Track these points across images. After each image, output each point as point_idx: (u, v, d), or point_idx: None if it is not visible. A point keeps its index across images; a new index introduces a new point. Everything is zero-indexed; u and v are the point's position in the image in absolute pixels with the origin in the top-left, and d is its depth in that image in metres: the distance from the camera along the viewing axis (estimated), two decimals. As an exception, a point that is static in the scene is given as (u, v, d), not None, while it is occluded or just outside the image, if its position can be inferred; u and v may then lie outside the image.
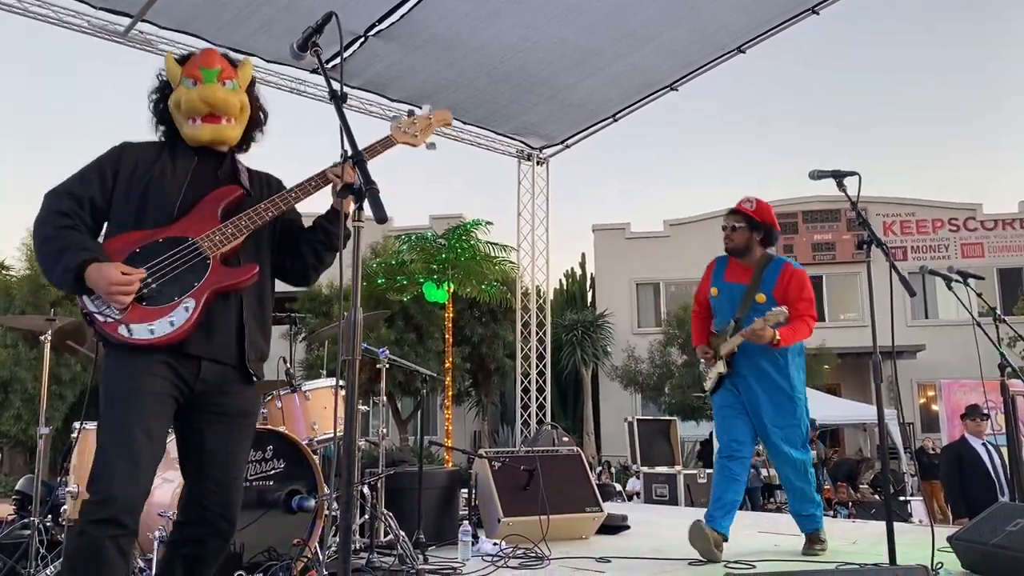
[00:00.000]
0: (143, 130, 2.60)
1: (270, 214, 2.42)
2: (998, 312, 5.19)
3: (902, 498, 11.51)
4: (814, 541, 4.33)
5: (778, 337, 3.92)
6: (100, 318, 2.24)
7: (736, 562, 4.19)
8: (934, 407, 19.64)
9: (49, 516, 4.34)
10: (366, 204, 1.78)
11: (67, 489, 4.07)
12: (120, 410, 2.27)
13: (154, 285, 2.27)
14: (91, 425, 4.20)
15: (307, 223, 2.62)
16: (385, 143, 2.61)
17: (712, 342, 4.40)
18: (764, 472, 11.24)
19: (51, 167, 48.13)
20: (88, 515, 2.14)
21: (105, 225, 2.42)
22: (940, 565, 3.55)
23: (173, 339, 2.27)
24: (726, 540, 4.19)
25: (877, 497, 12.40)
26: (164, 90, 2.54)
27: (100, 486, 2.17)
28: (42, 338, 4.23)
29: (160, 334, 2.26)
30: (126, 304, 2.23)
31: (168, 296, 2.28)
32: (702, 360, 4.51)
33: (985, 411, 6.95)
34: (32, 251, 16.62)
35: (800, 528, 4.40)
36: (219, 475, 2.39)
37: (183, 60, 2.56)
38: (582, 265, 26.93)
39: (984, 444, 6.68)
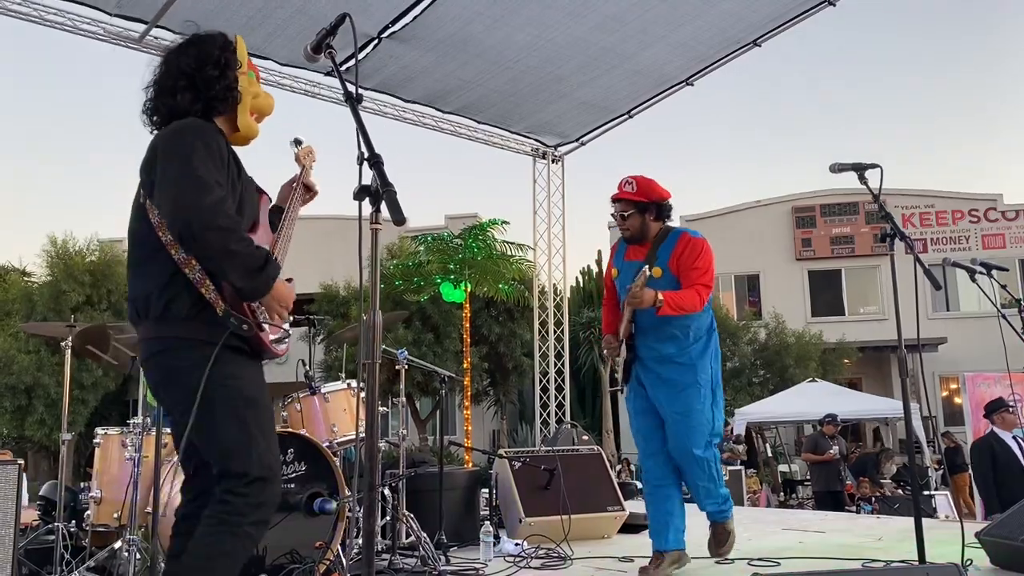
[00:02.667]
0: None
1: (293, 228, 2.51)
2: (1023, 303, 5.11)
3: (926, 493, 11.40)
4: (720, 532, 3.96)
5: (660, 298, 3.55)
6: (267, 329, 2.26)
7: (760, 559, 4.16)
8: (956, 400, 19.44)
9: (73, 521, 4.36)
10: (383, 206, 1.76)
11: (90, 495, 4.09)
12: (262, 412, 2.28)
13: None
14: (113, 431, 4.23)
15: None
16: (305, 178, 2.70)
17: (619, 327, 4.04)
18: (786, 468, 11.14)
19: (62, 176, 48.60)
20: (253, 515, 2.15)
21: None
22: (970, 562, 3.50)
23: (285, 351, 2.38)
24: (682, 551, 3.90)
25: (900, 492, 12.29)
26: (233, 69, 2.35)
27: (265, 493, 2.19)
28: (63, 344, 4.25)
29: (282, 347, 2.37)
30: (286, 319, 2.31)
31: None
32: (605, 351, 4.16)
33: (1011, 403, 6.84)
34: (52, 258, 16.85)
35: (710, 519, 4.02)
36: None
37: None
38: (598, 262, 26.85)
39: (1014, 437, 6.54)
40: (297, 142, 2.74)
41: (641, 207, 3.89)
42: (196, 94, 2.31)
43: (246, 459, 2.16)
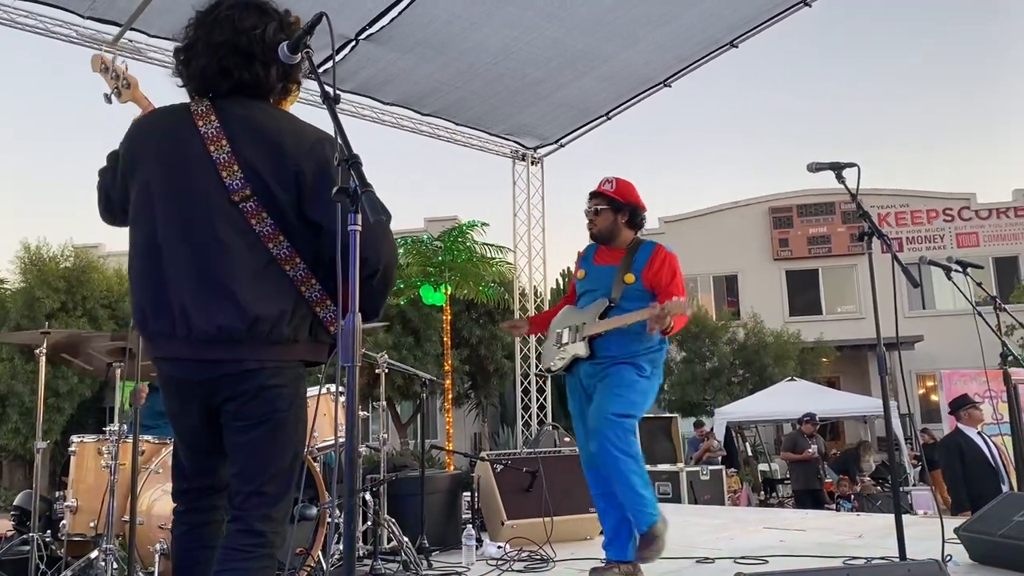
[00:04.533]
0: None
1: None
2: (998, 300, 5.17)
3: (904, 489, 11.51)
4: (649, 541, 3.52)
5: (671, 323, 3.43)
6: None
7: (743, 558, 4.17)
8: (933, 397, 19.67)
9: (48, 531, 4.30)
10: (362, 207, 1.74)
11: (66, 504, 4.04)
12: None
13: None
14: (89, 439, 4.17)
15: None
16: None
17: (571, 319, 3.87)
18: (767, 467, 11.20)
19: (35, 181, 48.03)
20: (278, 549, 2.04)
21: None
22: (950, 557, 3.53)
23: None
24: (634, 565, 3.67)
25: (879, 489, 12.39)
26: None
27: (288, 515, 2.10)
28: (37, 351, 4.19)
29: None
30: None
31: None
32: (510, 328, 4.11)
33: (977, 399, 6.89)
34: (26, 264, 16.62)
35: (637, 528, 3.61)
36: None
37: None
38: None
39: (979, 433, 6.58)
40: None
41: (616, 206, 3.84)
42: (285, 74, 2.11)
43: (289, 486, 2.04)
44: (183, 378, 2.08)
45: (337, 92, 1.96)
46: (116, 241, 22.68)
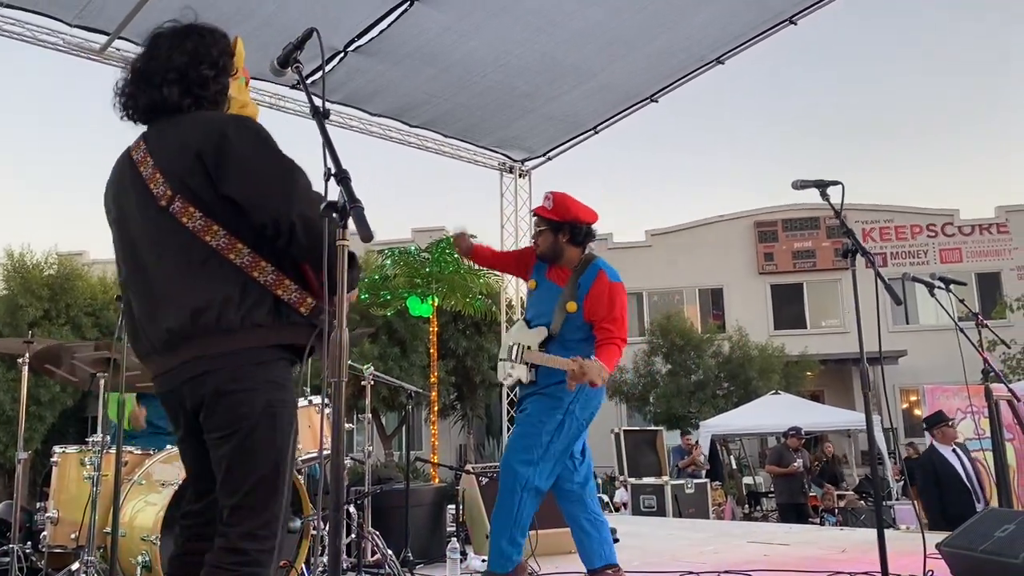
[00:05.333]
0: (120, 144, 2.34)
1: None
2: (980, 317, 5.22)
3: (887, 503, 11.56)
4: None
5: (605, 369, 3.32)
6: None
7: (728, 572, 4.18)
8: (917, 412, 19.79)
9: (28, 543, 4.26)
10: (350, 222, 1.75)
11: (47, 515, 4.00)
12: (294, 442, 2.07)
13: None
14: (72, 449, 4.14)
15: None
16: None
17: (520, 337, 3.72)
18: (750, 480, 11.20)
19: (19, 188, 47.70)
20: (270, 563, 1.95)
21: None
22: (931, 572, 3.55)
23: None
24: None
25: (863, 503, 12.44)
26: (228, 73, 2.19)
27: (278, 535, 1.99)
28: (20, 361, 4.16)
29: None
30: None
31: None
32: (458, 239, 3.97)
33: (959, 415, 6.93)
34: (9, 271, 16.49)
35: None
36: None
37: None
38: (565, 276, 26.97)
39: (954, 450, 6.60)
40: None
41: (554, 226, 3.67)
42: (186, 89, 2.12)
43: (274, 497, 1.95)
44: (162, 393, 2.12)
45: (327, 108, 1.96)
46: (100, 249, 22.54)
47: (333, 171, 1.82)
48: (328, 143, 1.87)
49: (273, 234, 1.97)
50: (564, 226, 3.65)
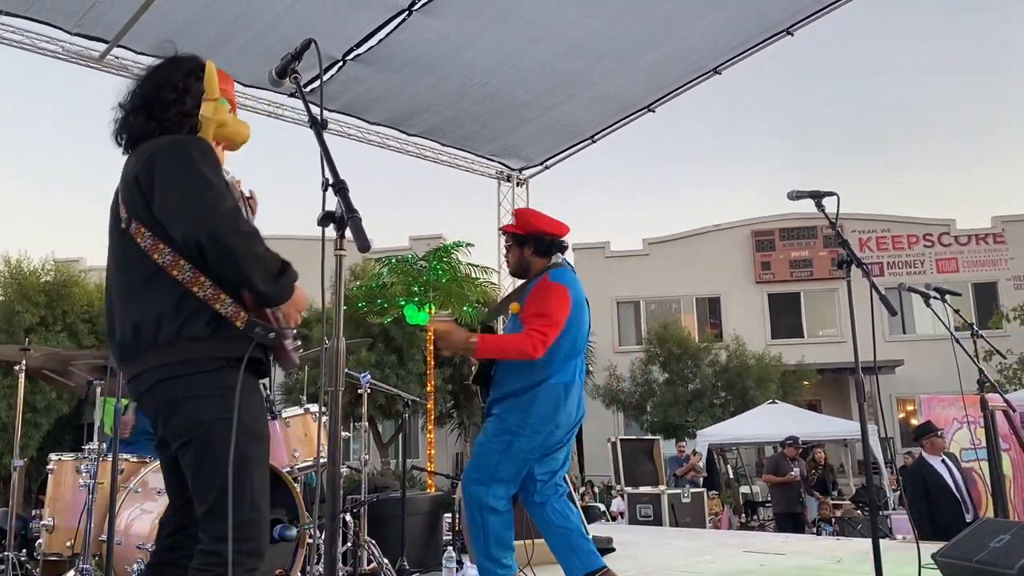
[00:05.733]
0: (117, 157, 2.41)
1: None
2: (975, 328, 5.24)
3: (883, 513, 11.54)
4: None
5: (472, 340, 3.33)
6: (290, 336, 2.15)
7: (722, 583, 4.18)
8: (913, 421, 19.79)
9: (23, 550, 4.24)
10: (348, 233, 1.76)
11: (42, 523, 3.99)
12: (263, 447, 2.13)
13: None
14: (68, 456, 4.13)
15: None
16: None
17: None
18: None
19: (16, 195, 47.69)
20: (246, 564, 2.00)
21: None
22: (926, 583, 3.55)
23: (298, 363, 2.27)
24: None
25: (859, 512, 12.43)
26: (196, 96, 2.28)
27: (256, 533, 2.04)
28: (16, 368, 4.16)
29: (296, 356, 2.22)
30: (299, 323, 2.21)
31: None
32: None
33: (940, 428, 6.92)
34: (6, 277, 16.46)
35: None
36: None
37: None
38: (562, 284, 26.97)
39: (943, 460, 6.61)
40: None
41: (519, 240, 3.69)
42: (149, 115, 2.25)
43: (238, 501, 1.99)
44: (136, 402, 2.26)
45: (325, 118, 1.97)
46: (97, 255, 22.53)
47: (331, 181, 1.83)
48: (326, 154, 1.88)
49: (186, 251, 2.05)
50: (528, 238, 3.68)
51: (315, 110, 2.01)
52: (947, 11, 43.53)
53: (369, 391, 4.77)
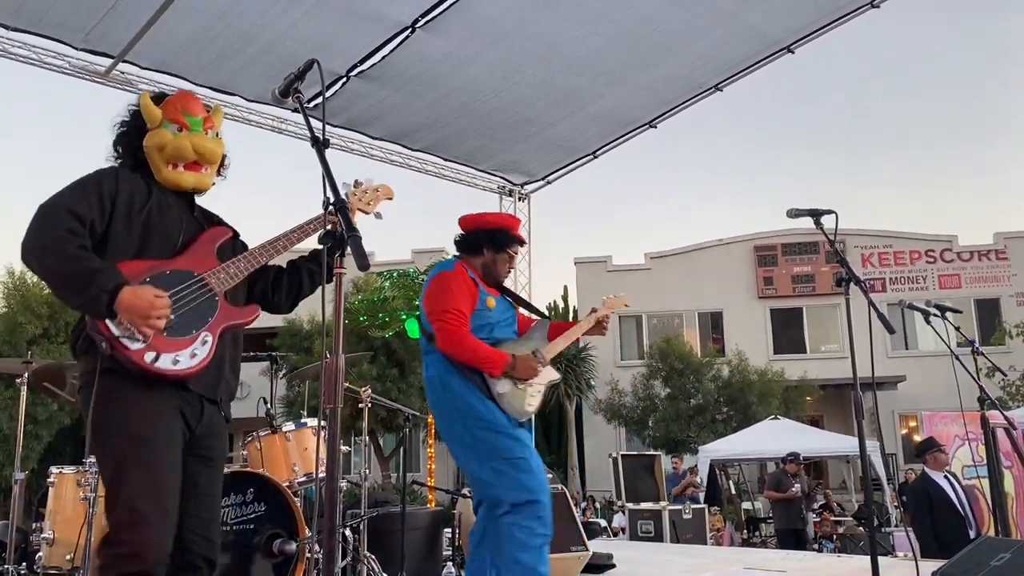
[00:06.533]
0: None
1: (266, 258, 2.46)
2: (976, 345, 5.25)
3: (885, 530, 11.50)
4: None
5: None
6: (126, 343, 2.14)
7: (722, 600, 4.17)
8: (916, 438, 19.72)
9: (24, 563, 4.24)
10: (348, 251, 1.78)
11: (42, 535, 3.99)
12: (146, 448, 2.16)
13: (172, 316, 2.20)
14: (69, 470, 4.14)
15: (284, 259, 2.61)
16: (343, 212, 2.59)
17: (520, 347, 3.46)
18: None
19: (20, 206, 47.74)
20: (118, 567, 2.06)
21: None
22: (925, 601, 3.54)
23: (192, 372, 2.24)
24: None
25: (862, 529, 12.38)
26: (139, 127, 2.50)
27: (133, 536, 2.08)
28: (18, 381, 4.17)
29: (184, 366, 2.21)
30: (160, 329, 2.17)
31: (187, 328, 2.24)
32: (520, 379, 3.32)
33: (942, 444, 6.91)
34: (9, 289, 16.51)
35: None
36: (207, 518, 2.34)
37: (158, 100, 2.52)
38: (564, 298, 26.98)
39: (945, 476, 6.60)
40: (355, 184, 2.70)
41: (464, 248, 3.68)
42: (116, 151, 2.53)
43: (115, 503, 2.10)
44: None
45: (327, 135, 2.00)
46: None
47: (332, 200, 1.86)
48: (327, 172, 1.91)
49: None
50: (468, 243, 3.64)
51: (317, 127, 2.04)
52: (949, 28, 43.73)
53: (370, 405, 4.78)
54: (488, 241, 3.60)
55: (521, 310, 3.73)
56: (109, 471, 2.17)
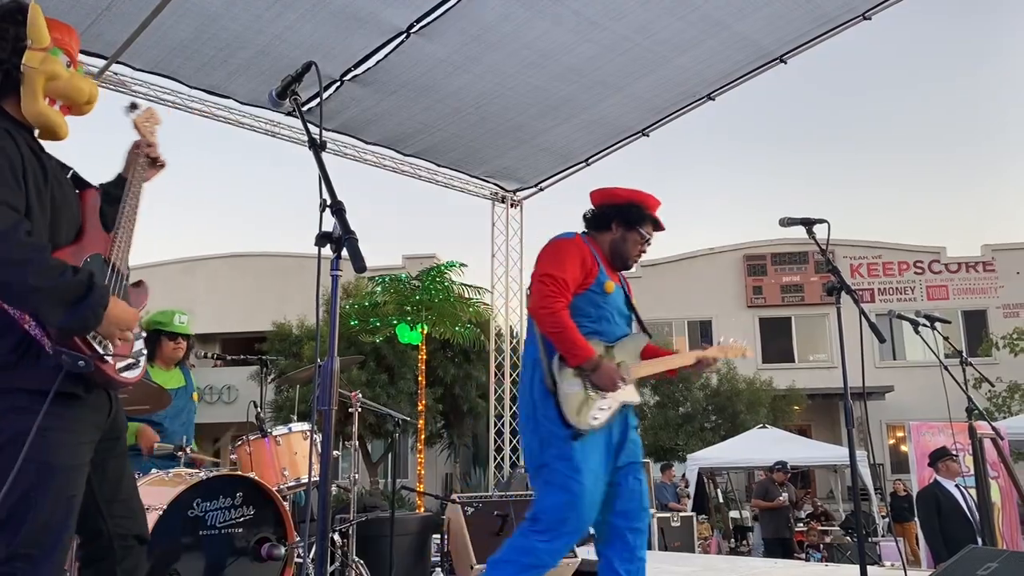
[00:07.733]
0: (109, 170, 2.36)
1: (135, 219, 2.17)
2: (964, 355, 5.28)
3: (872, 540, 11.54)
4: None
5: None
6: (109, 359, 1.93)
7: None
8: (903, 448, 19.81)
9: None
10: (344, 253, 1.78)
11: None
12: (70, 476, 1.92)
13: None
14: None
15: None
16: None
17: (612, 353, 3.06)
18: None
19: (18, 205, 47.41)
20: None
21: None
22: (913, 610, 3.55)
23: (141, 375, 2.11)
24: None
25: (849, 539, 12.42)
26: (18, 37, 2.00)
27: (29, 570, 1.83)
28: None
29: (139, 371, 2.08)
30: (130, 341, 2.00)
31: None
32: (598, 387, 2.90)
33: (954, 452, 6.97)
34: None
35: None
36: (124, 498, 2.15)
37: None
38: (555, 306, 26.97)
39: (957, 485, 6.64)
40: (133, 107, 2.40)
41: (595, 224, 3.32)
42: None
43: (14, 532, 1.81)
44: None
45: (324, 139, 2.00)
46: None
47: (329, 202, 1.85)
48: (324, 174, 1.90)
49: None
50: (598, 218, 3.26)
51: (314, 131, 2.04)
52: (940, 41, 44.10)
53: (359, 409, 4.77)
54: (617, 216, 3.19)
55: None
56: (11, 493, 1.84)
